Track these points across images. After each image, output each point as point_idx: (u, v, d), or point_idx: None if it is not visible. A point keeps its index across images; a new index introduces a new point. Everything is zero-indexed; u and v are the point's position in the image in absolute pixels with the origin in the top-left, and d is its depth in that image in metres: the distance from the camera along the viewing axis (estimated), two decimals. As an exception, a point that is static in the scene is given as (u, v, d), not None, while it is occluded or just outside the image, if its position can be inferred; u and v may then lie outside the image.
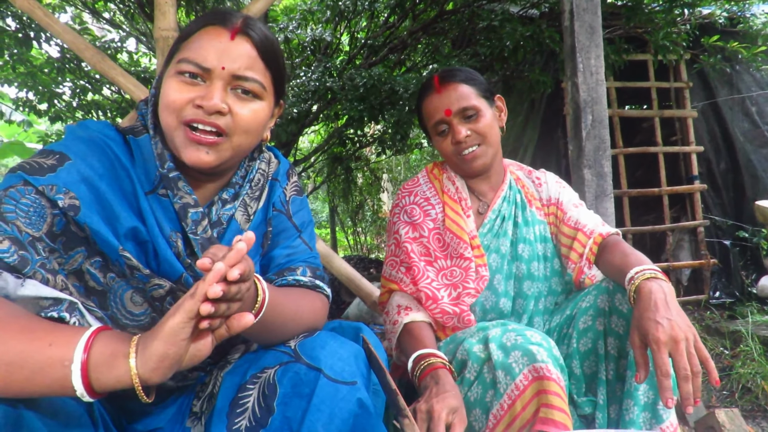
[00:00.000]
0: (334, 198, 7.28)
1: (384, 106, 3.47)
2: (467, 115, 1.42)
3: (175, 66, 0.92)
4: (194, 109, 0.90)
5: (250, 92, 0.94)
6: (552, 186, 1.60)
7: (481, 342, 1.20)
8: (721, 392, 2.52)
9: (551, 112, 4.22)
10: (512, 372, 1.10)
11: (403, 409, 0.96)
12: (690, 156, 4.00)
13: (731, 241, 3.87)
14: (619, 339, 1.27)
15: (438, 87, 1.44)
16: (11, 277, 0.77)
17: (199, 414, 0.94)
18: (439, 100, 1.44)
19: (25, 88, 3.81)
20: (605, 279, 1.38)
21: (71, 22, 4.10)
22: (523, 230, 1.50)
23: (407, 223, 1.49)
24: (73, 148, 0.90)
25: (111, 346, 0.69)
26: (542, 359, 1.08)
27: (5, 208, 0.81)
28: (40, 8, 2.27)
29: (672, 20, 3.40)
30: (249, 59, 0.93)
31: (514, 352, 1.12)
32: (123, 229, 0.89)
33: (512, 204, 1.53)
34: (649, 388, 1.19)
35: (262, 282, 0.85)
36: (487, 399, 1.15)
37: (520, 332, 1.16)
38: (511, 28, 3.27)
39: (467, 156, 1.43)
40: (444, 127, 1.45)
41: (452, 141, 1.44)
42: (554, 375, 1.07)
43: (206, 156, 0.91)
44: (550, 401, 1.05)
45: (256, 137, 0.98)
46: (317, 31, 3.99)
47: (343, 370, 0.84)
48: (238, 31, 0.93)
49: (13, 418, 0.67)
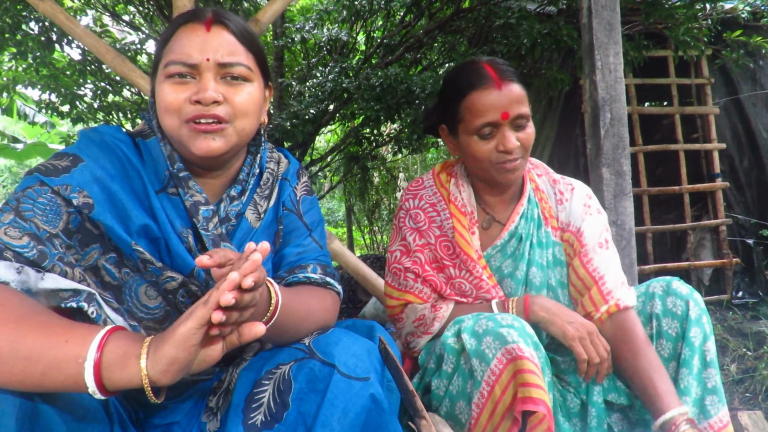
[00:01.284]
0: (351, 197, 7.30)
1: (400, 105, 3.47)
2: (519, 124, 1.27)
3: (163, 71, 0.96)
4: (192, 105, 0.93)
5: (239, 77, 0.97)
6: (576, 210, 1.40)
7: (454, 334, 1.18)
8: (744, 395, 2.47)
9: (569, 110, 4.18)
10: (486, 358, 1.08)
11: (420, 410, 0.96)
12: (711, 153, 3.93)
13: (754, 239, 3.80)
14: (671, 341, 1.29)
15: (498, 82, 1.25)
16: (32, 271, 0.80)
17: (214, 409, 0.96)
18: (498, 98, 1.24)
19: (48, 90, 3.88)
20: (650, 285, 1.36)
21: (92, 24, 4.16)
22: (536, 252, 1.36)
23: (413, 229, 1.39)
24: (85, 150, 0.94)
25: (124, 346, 0.71)
26: (513, 339, 1.06)
27: (23, 207, 0.85)
28: (62, 12, 2.31)
29: (693, 15, 3.34)
30: (230, 45, 0.96)
31: (486, 337, 1.10)
32: (135, 227, 0.92)
33: (530, 221, 1.38)
34: (697, 384, 1.23)
35: (274, 286, 0.87)
36: (468, 389, 1.14)
37: (490, 317, 1.14)
38: (528, 26, 3.24)
39: (508, 166, 1.27)
40: (491, 130, 1.27)
41: (498, 147, 1.26)
42: (527, 353, 1.05)
43: (214, 143, 0.94)
44: (525, 380, 1.03)
45: (256, 119, 1.01)
46: (333, 30, 4.00)
47: (356, 366, 0.85)
48: (212, 21, 0.96)
49: (30, 412, 0.69)
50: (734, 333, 3.02)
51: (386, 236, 8.33)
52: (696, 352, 1.25)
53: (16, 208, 0.84)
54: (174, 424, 0.97)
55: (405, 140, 4.23)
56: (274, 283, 0.88)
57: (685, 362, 1.25)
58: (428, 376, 1.26)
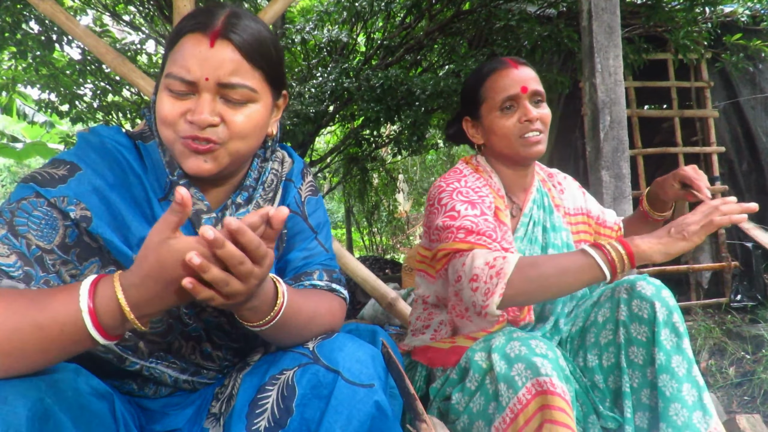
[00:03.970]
0: (350, 198, 7.31)
1: (400, 106, 3.47)
2: (537, 99, 1.39)
3: (164, 80, 0.91)
4: (187, 124, 0.88)
5: (241, 99, 0.90)
6: (576, 195, 1.57)
7: (483, 351, 1.17)
8: (743, 398, 2.47)
9: (569, 113, 4.18)
10: (515, 385, 1.06)
11: (421, 414, 0.96)
12: (711, 157, 3.94)
13: (753, 243, 3.80)
14: (643, 347, 1.25)
15: (515, 64, 1.40)
16: (20, 284, 0.79)
17: (217, 415, 0.95)
18: (517, 74, 1.38)
19: (48, 89, 3.89)
20: (615, 289, 1.34)
21: (92, 24, 4.16)
22: (551, 235, 1.45)
23: (465, 201, 1.31)
24: (83, 157, 0.90)
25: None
26: (546, 372, 1.04)
27: (18, 221, 0.82)
28: (62, 12, 2.31)
29: (693, 19, 3.35)
30: (233, 64, 0.88)
31: (517, 364, 1.08)
32: (135, 239, 0.89)
33: (541, 208, 1.48)
34: (691, 386, 1.18)
35: (281, 283, 0.86)
36: (490, 411, 1.12)
37: (524, 341, 1.11)
38: (529, 28, 3.25)
39: (532, 138, 1.36)
40: (512, 103, 1.38)
41: (520, 119, 1.36)
42: (559, 389, 1.03)
43: (205, 164, 0.90)
44: (554, 417, 1.01)
45: (256, 139, 0.96)
46: (334, 32, 4.00)
47: (361, 373, 0.84)
48: (218, 35, 0.88)
49: (41, 413, 0.69)
50: (733, 336, 3.02)
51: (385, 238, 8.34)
52: (672, 353, 1.20)
53: (10, 222, 0.81)
54: (176, 431, 0.97)
55: (405, 142, 4.23)
56: (281, 280, 0.86)
57: (662, 368, 1.20)
58: (449, 386, 1.25)
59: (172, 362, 0.96)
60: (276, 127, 1.04)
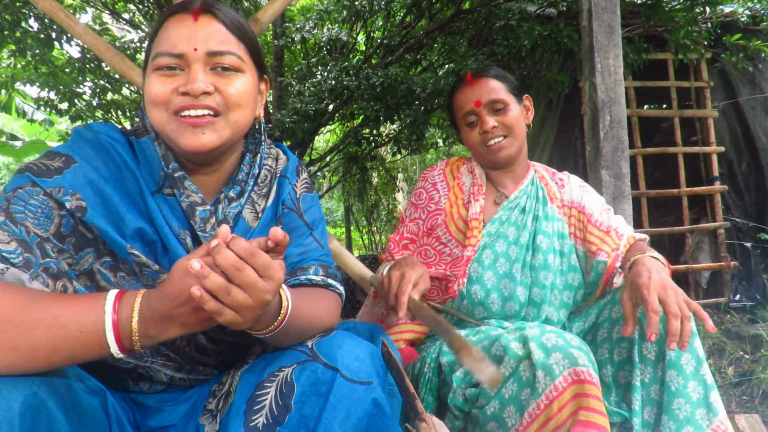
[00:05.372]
0: (350, 197, 7.29)
1: (400, 105, 3.46)
2: (496, 108, 1.51)
3: (151, 65, 0.92)
4: (180, 96, 0.89)
5: (230, 67, 0.92)
6: (575, 189, 1.64)
7: (519, 340, 1.21)
8: (741, 398, 2.47)
9: (569, 112, 4.18)
10: (552, 373, 1.12)
11: (421, 413, 0.96)
12: (710, 156, 3.94)
13: (752, 243, 3.80)
14: (656, 343, 1.27)
15: (470, 80, 1.54)
16: (23, 274, 0.80)
17: (214, 411, 0.94)
18: (470, 92, 1.53)
19: (47, 87, 3.87)
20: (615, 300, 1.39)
21: (91, 22, 4.16)
22: (542, 224, 1.56)
23: (413, 204, 1.63)
24: (78, 151, 0.91)
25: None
26: (584, 363, 1.11)
27: (14, 208, 0.82)
28: (62, 10, 2.30)
29: (693, 18, 3.35)
30: (219, 34, 0.92)
31: (555, 353, 1.13)
32: (129, 231, 0.90)
33: (533, 198, 1.59)
34: (698, 384, 1.21)
35: (285, 290, 0.85)
36: (523, 397, 1.16)
37: (559, 335, 1.18)
38: (529, 28, 3.24)
39: (493, 146, 1.51)
40: (473, 118, 1.54)
41: (480, 131, 1.52)
42: (595, 380, 1.10)
43: (205, 137, 0.90)
44: (590, 405, 1.07)
45: (250, 111, 0.98)
46: (333, 30, 4.00)
47: (359, 370, 0.84)
48: (200, 10, 0.92)
49: (34, 407, 0.69)
50: (732, 336, 3.02)
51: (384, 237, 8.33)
52: (681, 350, 1.21)
53: (7, 209, 0.81)
54: (170, 427, 0.97)
55: (404, 141, 4.23)
56: (285, 288, 0.86)
57: (671, 364, 1.22)
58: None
59: (166, 357, 0.95)
60: (262, 111, 1.05)
